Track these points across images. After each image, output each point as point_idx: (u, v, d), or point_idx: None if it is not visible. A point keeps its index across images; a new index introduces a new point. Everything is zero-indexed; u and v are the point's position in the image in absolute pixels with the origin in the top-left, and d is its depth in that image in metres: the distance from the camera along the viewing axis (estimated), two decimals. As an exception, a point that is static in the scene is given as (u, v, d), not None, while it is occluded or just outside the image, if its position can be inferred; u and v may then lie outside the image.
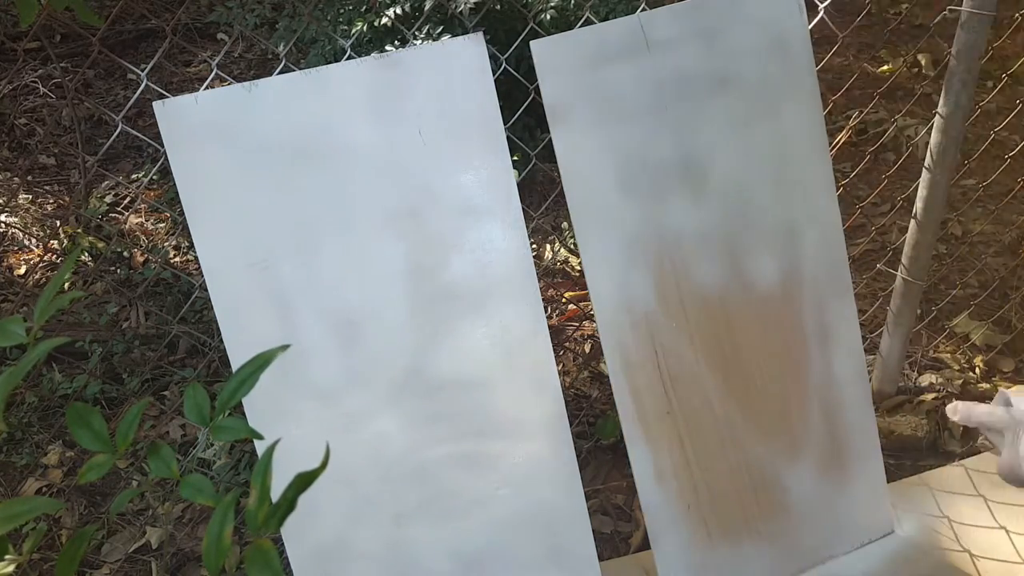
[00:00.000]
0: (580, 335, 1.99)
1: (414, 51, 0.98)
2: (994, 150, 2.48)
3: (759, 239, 1.11)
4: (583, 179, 1.04)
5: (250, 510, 0.41)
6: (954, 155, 1.35)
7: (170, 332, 1.95)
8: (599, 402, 1.72)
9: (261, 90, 0.95)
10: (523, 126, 2.31)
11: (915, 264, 1.45)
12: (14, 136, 2.85)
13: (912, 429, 1.56)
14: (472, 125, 1.00)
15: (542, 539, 1.09)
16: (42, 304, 0.44)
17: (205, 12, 3.33)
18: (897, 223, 2.23)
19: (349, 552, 1.04)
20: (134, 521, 1.56)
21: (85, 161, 2.63)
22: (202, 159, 0.94)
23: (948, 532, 1.29)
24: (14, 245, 2.37)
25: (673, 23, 1.04)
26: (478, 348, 1.04)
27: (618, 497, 1.53)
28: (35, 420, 1.79)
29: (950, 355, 1.81)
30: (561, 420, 1.07)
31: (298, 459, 1.06)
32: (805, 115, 1.11)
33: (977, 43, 1.25)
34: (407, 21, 2.17)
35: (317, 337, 0.99)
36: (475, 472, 1.06)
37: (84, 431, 0.46)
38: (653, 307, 1.08)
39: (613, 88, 1.03)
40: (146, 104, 2.81)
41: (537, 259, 2.26)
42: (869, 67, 3.01)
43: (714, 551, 1.16)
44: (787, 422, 1.16)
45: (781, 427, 1.16)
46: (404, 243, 1.00)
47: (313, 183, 0.97)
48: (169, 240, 2.38)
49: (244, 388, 0.47)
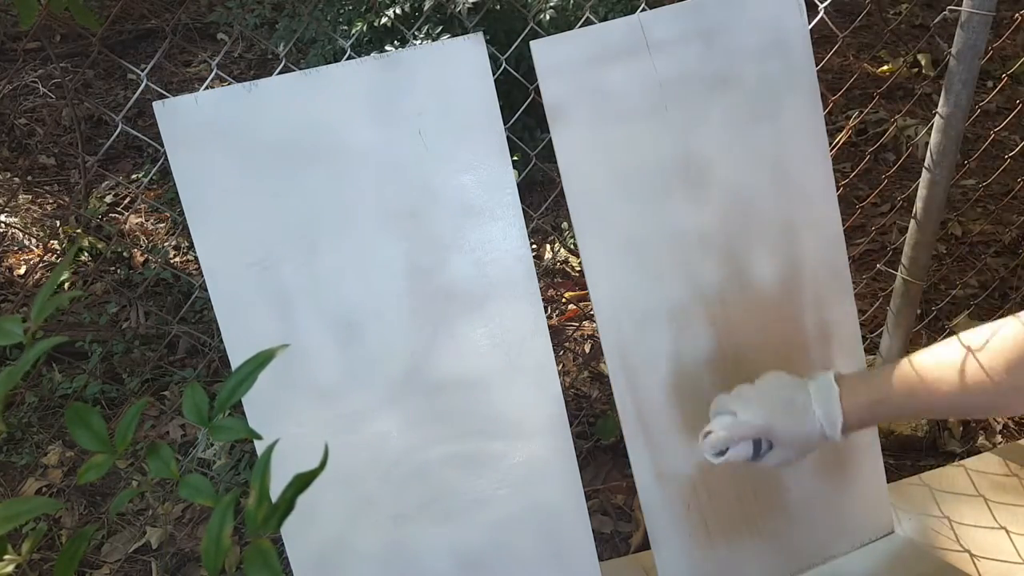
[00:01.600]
0: (580, 335, 1.99)
1: (414, 51, 0.98)
2: (994, 150, 2.48)
3: (759, 239, 1.11)
4: (583, 179, 1.04)
5: (249, 510, 0.41)
6: (954, 155, 1.35)
7: (170, 332, 1.95)
8: (599, 402, 1.72)
9: (261, 90, 0.95)
10: (523, 126, 2.31)
11: (915, 264, 1.45)
12: (14, 136, 2.85)
13: (912, 429, 1.56)
14: (472, 125, 1.00)
15: (542, 539, 1.09)
16: (39, 303, 0.44)
17: (205, 12, 3.33)
18: (897, 223, 2.23)
19: (349, 552, 1.04)
20: (134, 521, 1.56)
21: (85, 161, 2.63)
22: (202, 159, 0.94)
23: (948, 532, 1.29)
24: (14, 245, 2.37)
25: (673, 23, 1.04)
26: (478, 348, 1.04)
27: (618, 497, 1.53)
28: (35, 420, 1.79)
29: (950, 355, 1.80)
30: (561, 420, 1.07)
31: (298, 459, 1.06)
32: (805, 115, 1.11)
33: (977, 43, 1.25)
34: (407, 21, 2.17)
35: (317, 337, 0.99)
36: (475, 472, 1.06)
37: (83, 431, 0.45)
38: (653, 307, 1.08)
39: (613, 88, 1.03)
40: (146, 104, 2.81)
41: (537, 259, 2.26)
42: (869, 67, 3.01)
43: (714, 551, 1.16)
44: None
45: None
46: (404, 243, 1.00)
47: (313, 183, 0.97)
48: (169, 240, 2.38)
49: (243, 387, 0.47)
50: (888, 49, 3.14)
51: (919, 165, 1.44)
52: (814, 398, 0.90)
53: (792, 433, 0.92)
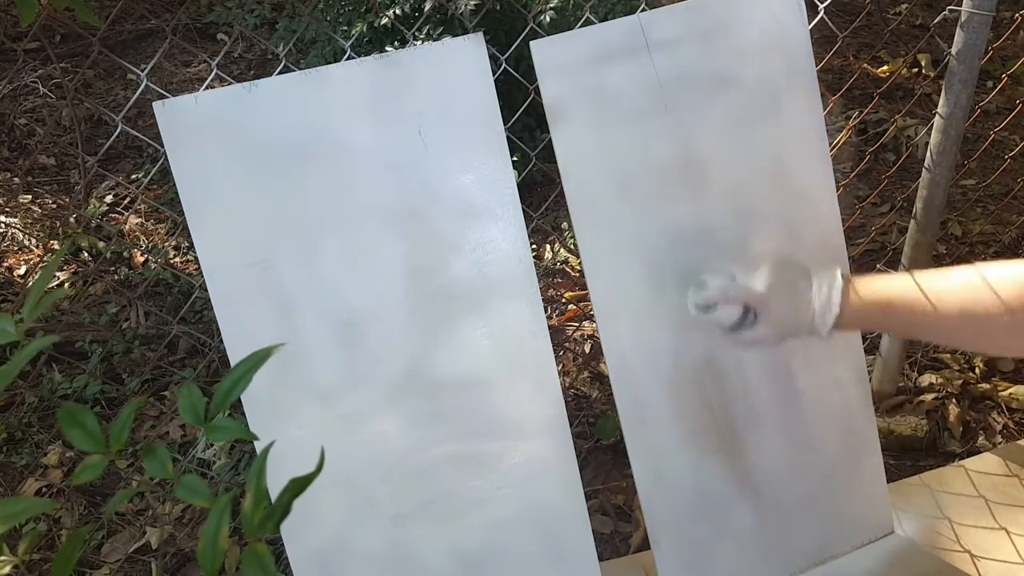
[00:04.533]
0: (580, 335, 1.99)
1: (414, 51, 0.98)
2: (994, 150, 2.48)
3: (759, 239, 1.11)
4: (583, 179, 1.04)
5: (245, 513, 0.40)
6: (954, 155, 1.35)
7: (170, 332, 1.95)
8: (599, 402, 1.72)
9: (261, 90, 0.94)
10: (523, 126, 2.31)
11: (915, 264, 1.45)
12: (14, 136, 2.85)
13: (912, 429, 1.56)
14: (472, 125, 1.00)
15: (542, 539, 1.09)
16: (31, 301, 0.44)
17: (205, 12, 3.33)
18: (897, 223, 2.22)
19: (349, 552, 1.04)
20: (134, 521, 1.56)
21: (85, 161, 2.63)
22: (202, 159, 0.94)
23: (948, 532, 1.29)
24: (14, 245, 2.37)
25: (673, 23, 1.04)
26: (478, 348, 1.04)
27: (618, 497, 1.52)
28: (35, 420, 1.79)
29: (950, 355, 1.80)
30: (561, 420, 1.07)
31: (298, 459, 1.06)
32: (805, 115, 1.11)
33: (977, 43, 1.25)
34: (407, 22, 2.17)
35: (317, 337, 0.99)
36: (475, 472, 1.06)
37: (76, 431, 0.45)
38: (653, 307, 1.08)
39: (613, 88, 1.03)
40: (146, 104, 2.81)
41: (537, 259, 2.26)
42: (869, 67, 3.01)
43: (714, 551, 1.15)
44: (787, 422, 1.16)
45: (781, 427, 1.16)
46: (404, 243, 1.00)
47: (313, 183, 0.97)
48: (169, 240, 2.38)
49: (239, 387, 0.46)
50: (888, 49, 3.13)
51: (919, 165, 1.44)
52: (815, 286, 0.89)
53: (783, 311, 0.91)
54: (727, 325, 0.95)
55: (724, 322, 0.94)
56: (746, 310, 0.93)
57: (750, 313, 0.93)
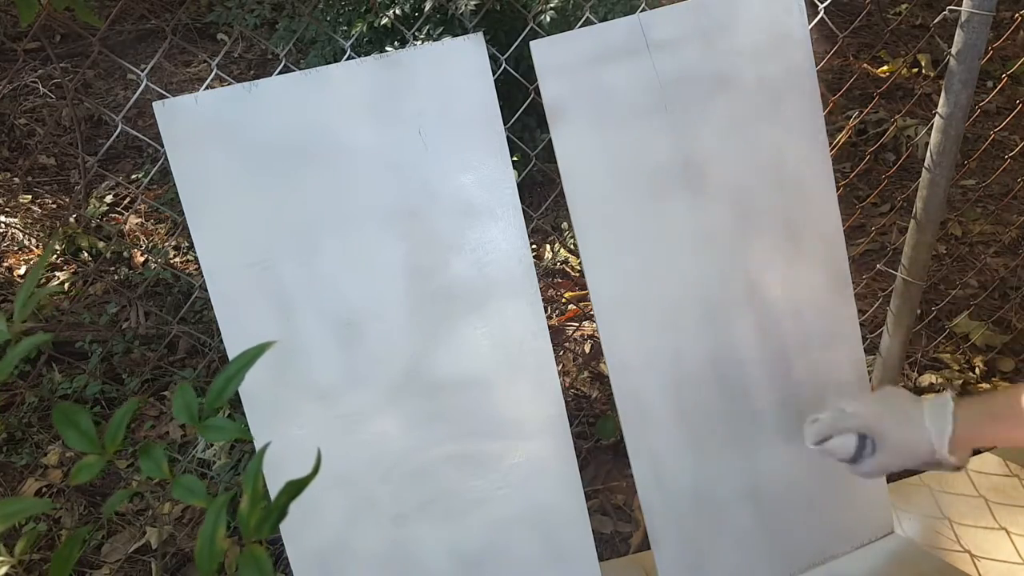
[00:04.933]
0: (580, 335, 1.99)
1: (414, 51, 0.98)
2: (994, 150, 2.48)
3: (759, 239, 1.11)
4: (583, 179, 1.04)
5: (242, 514, 0.40)
6: (954, 155, 1.35)
7: (170, 332, 1.95)
8: (599, 402, 1.72)
9: (261, 90, 0.94)
10: (523, 126, 2.31)
11: (915, 264, 1.45)
12: (14, 136, 2.85)
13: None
14: (472, 125, 1.00)
15: (542, 539, 1.09)
16: (20, 299, 0.44)
17: (205, 12, 3.33)
18: (897, 223, 2.22)
19: (349, 552, 1.04)
20: (134, 521, 1.56)
21: (85, 161, 2.63)
22: (202, 159, 0.94)
23: (948, 532, 1.29)
24: (14, 245, 2.37)
25: (673, 23, 1.04)
26: (478, 348, 1.04)
27: (618, 497, 1.52)
28: (35, 420, 1.79)
29: (950, 355, 1.80)
30: (561, 420, 1.07)
31: (299, 459, 1.06)
32: (805, 115, 1.11)
33: (977, 43, 1.25)
34: (407, 22, 2.17)
35: (317, 337, 0.99)
36: (475, 472, 1.06)
37: (72, 431, 0.45)
38: (653, 307, 1.08)
39: (613, 88, 1.03)
40: (146, 104, 2.81)
41: (537, 259, 2.26)
42: (869, 67, 3.01)
43: (714, 551, 1.15)
44: (787, 422, 1.16)
45: (781, 427, 1.16)
46: (404, 243, 1.00)
47: (313, 183, 0.97)
48: (169, 240, 2.38)
49: (232, 384, 0.46)
50: (888, 49, 3.13)
51: (919, 165, 1.44)
52: (927, 411, 0.91)
53: (899, 437, 0.91)
54: (846, 457, 0.96)
55: (841, 454, 0.96)
56: (862, 440, 0.94)
57: (868, 442, 0.94)
